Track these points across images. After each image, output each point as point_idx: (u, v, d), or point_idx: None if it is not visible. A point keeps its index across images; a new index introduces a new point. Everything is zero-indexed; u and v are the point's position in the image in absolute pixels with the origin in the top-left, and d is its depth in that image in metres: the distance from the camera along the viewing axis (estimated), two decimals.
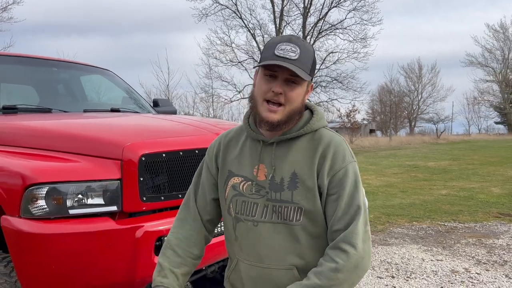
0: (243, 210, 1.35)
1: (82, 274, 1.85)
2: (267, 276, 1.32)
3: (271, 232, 1.30)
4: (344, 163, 1.29)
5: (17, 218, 1.83)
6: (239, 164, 1.38)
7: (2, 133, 2.33)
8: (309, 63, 1.28)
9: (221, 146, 1.44)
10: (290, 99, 1.27)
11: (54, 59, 3.80)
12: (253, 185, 1.33)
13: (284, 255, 1.29)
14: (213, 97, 26.43)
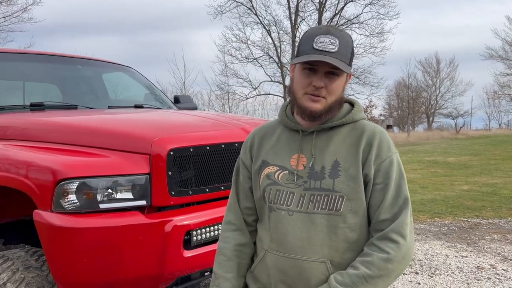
0: (277, 199, 1.31)
1: (112, 268, 1.87)
2: (297, 268, 1.28)
3: (307, 222, 1.27)
4: (390, 152, 1.28)
5: (49, 212, 1.86)
6: (274, 154, 1.36)
7: (31, 129, 2.38)
8: (348, 53, 1.27)
9: (255, 139, 1.43)
10: (331, 91, 1.26)
11: (78, 57, 3.85)
12: (290, 174, 1.31)
13: (318, 247, 1.26)
14: (228, 94, 26.48)
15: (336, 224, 1.26)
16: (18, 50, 4.44)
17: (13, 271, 2.04)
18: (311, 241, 1.26)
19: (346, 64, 1.24)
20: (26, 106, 3.02)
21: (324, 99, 1.26)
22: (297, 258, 1.28)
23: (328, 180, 1.26)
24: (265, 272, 1.35)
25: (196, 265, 2.02)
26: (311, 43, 1.24)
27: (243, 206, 1.44)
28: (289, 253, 1.28)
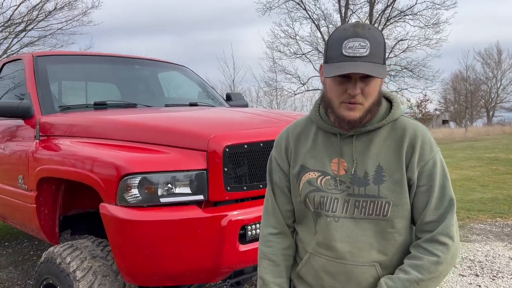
0: (322, 205, 1.28)
1: (172, 259, 1.96)
2: (348, 272, 1.27)
3: (354, 228, 1.26)
4: (432, 153, 1.24)
5: (113, 205, 1.98)
6: (313, 158, 1.31)
7: (96, 127, 2.53)
8: (381, 52, 1.19)
9: (290, 140, 1.38)
10: (367, 95, 1.20)
11: (135, 57, 4.03)
12: (333, 180, 1.27)
13: (367, 251, 1.25)
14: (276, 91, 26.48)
15: (384, 229, 1.25)
16: (81, 52, 4.71)
17: (82, 260, 2.19)
18: (359, 246, 1.25)
19: (380, 65, 1.17)
20: (89, 105, 3.21)
21: (361, 105, 1.20)
22: (346, 263, 1.26)
23: (372, 187, 1.23)
24: (311, 274, 1.34)
25: (251, 259, 2.06)
26: (339, 49, 1.17)
27: (284, 209, 1.40)
28: (338, 258, 1.27)
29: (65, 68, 3.59)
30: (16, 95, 3.31)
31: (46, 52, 3.56)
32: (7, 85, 3.65)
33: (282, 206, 1.40)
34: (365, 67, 1.15)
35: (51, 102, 3.02)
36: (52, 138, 2.68)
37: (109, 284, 2.12)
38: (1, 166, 3.18)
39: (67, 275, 2.13)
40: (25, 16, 17.37)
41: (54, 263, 2.23)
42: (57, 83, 3.56)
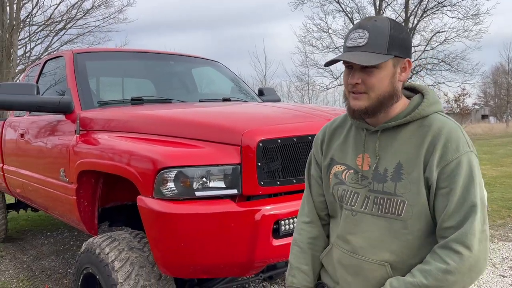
0: (344, 199, 1.31)
1: (206, 252, 1.99)
2: (358, 267, 1.27)
3: (370, 224, 1.25)
4: (458, 153, 1.16)
5: (150, 198, 2.03)
6: (342, 152, 1.35)
7: (133, 122, 2.59)
8: (383, 41, 1.17)
9: (326, 135, 1.42)
10: (369, 86, 1.19)
11: (170, 53, 4.10)
12: (356, 174, 1.29)
13: (379, 249, 1.23)
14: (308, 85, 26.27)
15: (397, 229, 1.21)
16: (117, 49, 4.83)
17: (119, 251, 2.26)
18: (372, 243, 1.25)
19: (375, 54, 1.16)
20: (126, 101, 3.29)
21: (366, 94, 1.20)
22: (357, 257, 1.27)
23: (390, 184, 1.21)
24: (331, 265, 1.38)
25: (284, 254, 2.06)
26: (345, 41, 1.22)
27: (317, 200, 1.45)
28: (351, 252, 1.29)
29: (103, 64, 3.70)
30: (57, 91, 3.44)
31: (85, 49, 3.67)
32: (48, 82, 3.80)
33: (315, 197, 1.45)
34: (354, 56, 1.17)
35: (90, 97, 3.11)
36: (91, 132, 2.78)
37: (145, 275, 2.18)
38: (44, 159, 3.32)
39: (106, 265, 2.20)
40: (65, 14, 18.01)
41: (93, 253, 2.31)
42: (95, 79, 3.68)
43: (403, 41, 1.21)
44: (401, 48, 1.20)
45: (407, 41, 1.23)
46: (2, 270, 4.35)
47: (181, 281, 2.56)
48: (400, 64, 1.22)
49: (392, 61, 1.19)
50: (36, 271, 4.28)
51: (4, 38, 16.04)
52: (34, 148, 3.53)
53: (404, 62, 1.23)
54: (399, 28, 1.21)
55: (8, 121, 4.38)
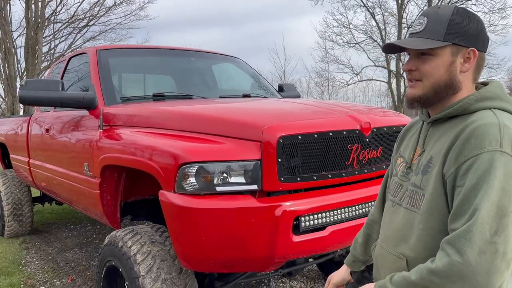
0: (392, 190, 1.34)
1: (227, 247, 2.01)
2: (383, 257, 1.31)
3: (400, 216, 1.26)
4: (479, 150, 1.04)
5: (172, 193, 2.05)
6: (406, 146, 1.36)
7: (154, 117, 2.63)
8: (440, 27, 1.14)
9: (404, 129, 1.44)
10: (423, 73, 1.18)
11: (191, 50, 4.14)
12: (405, 166, 1.30)
13: (400, 242, 1.23)
14: (328, 81, 26.06)
15: (415, 224, 1.19)
16: (139, 46, 4.90)
17: (142, 244, 2.30)
18: (396, 235, 1.26)
19: (428, 39, 1.14)
20: (148, 97, 3.34)
21: (421, 82, 1.18)
22: (384, 248, 1.30)
23: (419, 176, 1.21)
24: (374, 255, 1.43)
25: (304, 250, 2.07)
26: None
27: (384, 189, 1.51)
28: (382, 241, 1.33)
29: (125, 61, 3.76)
30: (81, 87, 3.51)
31: (108, 46, 3.74)
32: (72, 78, 3.88)
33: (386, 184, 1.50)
34: (406, 41, 1.18)
35: (113, 93, 3.17)
36: (114, 128, 2.83)
37: (166, 268, 2.21)
38: (68, 154, 3.40)
39: (128, 258, 2.25)
40: (87, 12, 18.33)
41: (116, 247, 2.36)
42: (117, 75, 3.74)
43: (466, 29, 1.14)
44: (463, 36, 1.14)
45: (472, 29, 1.15)
46: (28, 261, 4.48)
47: (202, 275, 2.59)
48: (461, 53, 1.16)
49: (450, 49, 1.15)
50: (61, 263, 4.39)
51: (29, 36, 16.44)
52: (59, 143, 3.62)
53: (467, 52, 1.15)
54: (464, 15, 1.15)
55: (34, 116, 4.50)
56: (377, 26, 23.31)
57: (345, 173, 2.25)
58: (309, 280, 3.82)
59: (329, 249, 2.20)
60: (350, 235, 2.22)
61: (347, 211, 2.19)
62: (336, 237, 2.15)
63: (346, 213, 2.20)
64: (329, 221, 2.14)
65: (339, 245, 2.26)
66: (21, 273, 4.11)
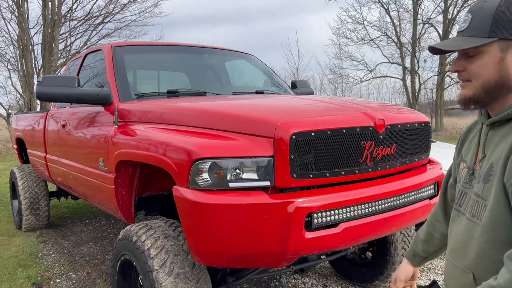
0: (456, 198, 1.26)
1: (238, 242, 2.02)
2: (450, 271, 1.24)
3: (463, 227, 1.18)
4: None
5: (185, 188, 2.07)
6: (468, 149, 1.28)
7: (168, 114, 2.65)
8: (485, 22, 1.07)
9: (465, 129, 1.36)
10: (471, 73, 1.12)
11: (204, 46, 4.15)
12: (468, 173, 1.22)
13: (463, 255, 1.16)
14: (342, 78, 25.90)
15: (478, 236, 1.11)
16: (154, 43, 4.93)
17: (155, 239, 2.33)
18: (460, 247, 1.19)
19: (473, 38, 1.08)
20: (162, 93, 3.37)
21: (470, 82, 1.12)
22: (450, 260, 1.24)
23: (481, 185, 1.12)
24: None
25: (316, 247, 2.06)
26: None
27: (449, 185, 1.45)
28: (448, 253, 1.27)
29: (140, 57, 3.79)
30: (96, 84, 3.56)
31: (124, 43, 3.77)
32: (88, 74, 3.94)
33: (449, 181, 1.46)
34: (448, 41, 1.13)
35: (128, 90, 3.20)
36: (129, 124, 2.86)
37: (180, 263, 2.24)
38: (84, 149, 3.45)
39: (142, 252, 2.28)
40: (103, 9, 18.52)
41: (130, 241, 2.39)
42: (132, 72, 3.77)
43: (504, 24, 1.05)
44: (498, 30, 1.06)
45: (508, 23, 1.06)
46: (45, 254, 4.58)
47: (214, 270, 2.62)
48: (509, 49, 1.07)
49: (498, 44, 1.07)
50: (76, 256, 4.47)
51: (46, 33, 16.67)
52: (74, 139, 3.68)
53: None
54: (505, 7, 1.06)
55: (51, 112, 4.57)
56: (392, 23, 23.07)
57: (358, 170, 2.25)
58: (321, 277, 3.82)
59: (341, 246, 2.20)
60: (363, 232, 2.22)
61: (360, 208, 2.19)
62: (349, 234, 2.14)
63: (359, 210, 2.19)
64: (342, 218, 2.14)
65: (352, 242, 2.25)
66: (38, 266, 4.20)
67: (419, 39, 22.93)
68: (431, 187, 2.63)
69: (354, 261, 3.64)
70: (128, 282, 2.63)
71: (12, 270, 4.06)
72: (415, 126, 2.56)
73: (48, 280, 3.85)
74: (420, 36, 22.95)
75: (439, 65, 22.61)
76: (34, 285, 3.73)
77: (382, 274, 3.38)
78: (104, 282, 3.74)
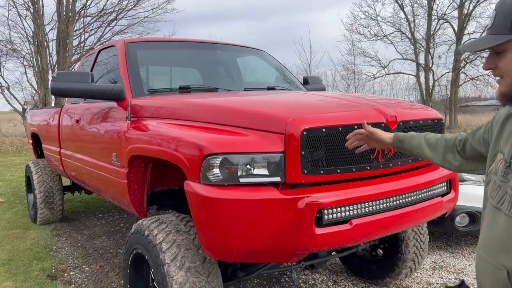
0: (492, 191, 1.24)
1: (249, 237, 2.03)
2: (483, 268, 1.22)
3: (500, 222, 1.17)
4: None
5: (197, 183, 2.09)
6: (507, 140, 1.24)
7: (180, 109, 2.67)
8: (507, 19, 1.09)
9: (504, 114, 1.31)
10: (502, 70, 1.14)
11: (216, 42, 4.17)
12: (505, 165, 1.20)
13: (498, 251, 1.15)
14: (354, 74, 25.71)
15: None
16: (166, 39, 4.96)
17: (167, 233, 2.35)
18: (494, 243, 1.17)
19: (496, 36, 1.09)
20: (174, 89, 3.39)
21: (503, 79, 1.15)
22: (482, 255, 1.22)
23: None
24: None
25: (327, 242, 2.07)
26: None
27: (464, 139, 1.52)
28: (481, 249, 1.24)
29: (153, 53, 3.82)
30: (109, 79, 3.60)
31: (136, 39, 3.81)
32: (101, 70, 3.98)
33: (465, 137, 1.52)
34: (474, 40, 1.16)
35: (141, 85, 3.23)
36: (141, 119, 2.89)
37: (191, 257, 2.26)
38: (97, 144, 3.50)
39: (154, 246, 2.31)
40: (116, 5, 18.66)
41: (142, 235, 2.43)
42: (145, 68, 3.81)
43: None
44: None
45: None
46: (59, 247, 4.66)
47: (225, 264, 2.64)
48: None
49: None
50: (90, 249, 4.54)
51: (61, 29, 16.88)
52: (88, 134, 3.73)
53: None
54: None
55: (65, 108, 4.64)
56: (406, 18, 22.82)
57: (370, 166, 2.24)
58: (332, 273, 3.82)
59: (352, 242, 2.20)
60: (374, 229, 2.21)
61: (371, 205, 2.18)
62: (359, 231, 2.14)
63: (370, 207, 2.18)
64: (352, 215, 2.14)
65: (363, 239, 2.25)
66: (53, 258, 4.28)
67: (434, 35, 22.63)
68: (443, 184, 2.60)
69: (365, 258, 3.63)
70: (140, 276, 2.67)
71: (27, 262, 4.14)
72: (427, 123, 2.54)
73: (62, 273, 3.92)
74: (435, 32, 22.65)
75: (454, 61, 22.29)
76: (48, 277, 3.80)
77: (393, 271, 3.36)
78: (116, 275, 3.79)
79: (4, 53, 17.64)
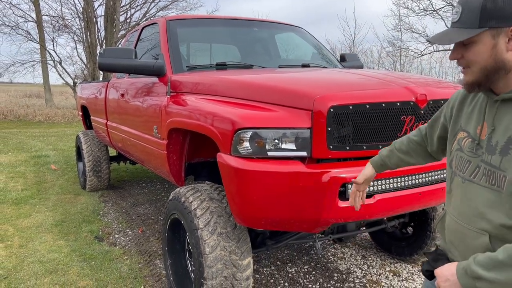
0: (459, 165, 1.34)
1: (275, 207, 2.16)
2: (461, 233, 1.31)
3: (475, 193, 1.26)
4: None
5: (228, 155, 2.24)
6: (468, 119, 1.35)
7: (216, 85, 2.80)
8: (474, 14, 1.14)
9: (459, 97, 1.43)
10: (469, 60, 1.21)
11: (255, 20, 4.23)
12: (473, 143, 1.29)
13: (480, 218, 1.24)
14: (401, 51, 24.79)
15: (498, 203, 1.18)
16: (206, 16, 5.08)
17: (201, 200, 2.53)
18: (474, 212, 1.26)
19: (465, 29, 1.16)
20: (211, 66, 3.53)
21: (469, 69, 1.21)
22: (461, 224, 1.31)
23: (497, 157, 1.19)
24: (443, 230, 1.45)
25: (349, 216, 2.17)
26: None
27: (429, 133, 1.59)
28: (457, 218, 1.33)
29: (192, 31, 3.96)
30: (152, 55, 3.78)
31: (177, 16, 3.95)
32: (145, 47, 4.17)
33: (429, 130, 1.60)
34: (441, 34, 1.22)
35: (180, 62, 3.39)
36: (180, 94, 3.06)
37: (222, 223, 2.43)
38: (140, 117, 3.72)
39: (189, 212, 2.50)
40: None
41: (179, 201, 2.62)
42: (185, 45, 3.96)
43: (501, 11, 1.13)
44: (500, 18, 1.13)
45: (509, 7, 1.13)
46: (105, 212, 5.03)
47: (255, 233, 2.80)
48: (504, 34, 1.15)
49: (489, 32, 1.15)
50: (133, 215, 4.87)
51: (108, 5, 17.37)
52: (132, 107, 3.96)
53: (510, 30, 1.14)
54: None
55: (111, 82, 4.90)
56: None
57: None
58: (361, 248, 3.92)
59: (374, 216, 2.28)
60: (397, 204, 2.29)
61: (394, 181, 2.25)
62: (382, 206, 2.22)
63: (393, 183, 2.25)
64: (376, 190, 2.22)
65: (385, 213, 2.33)
66: (100, 222, 4.64)
67: None
68: None
69: (394, 234, 3.69)
70: (177, 239, 2.89)
71: (77, 224, 4.52)
72: None
73: (108, 235, 4.26)
74: None
75: None
76: (96, 238, 4.15)
77: (422, 248, 3.41)
78: (157, 240, 4.08)
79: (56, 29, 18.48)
